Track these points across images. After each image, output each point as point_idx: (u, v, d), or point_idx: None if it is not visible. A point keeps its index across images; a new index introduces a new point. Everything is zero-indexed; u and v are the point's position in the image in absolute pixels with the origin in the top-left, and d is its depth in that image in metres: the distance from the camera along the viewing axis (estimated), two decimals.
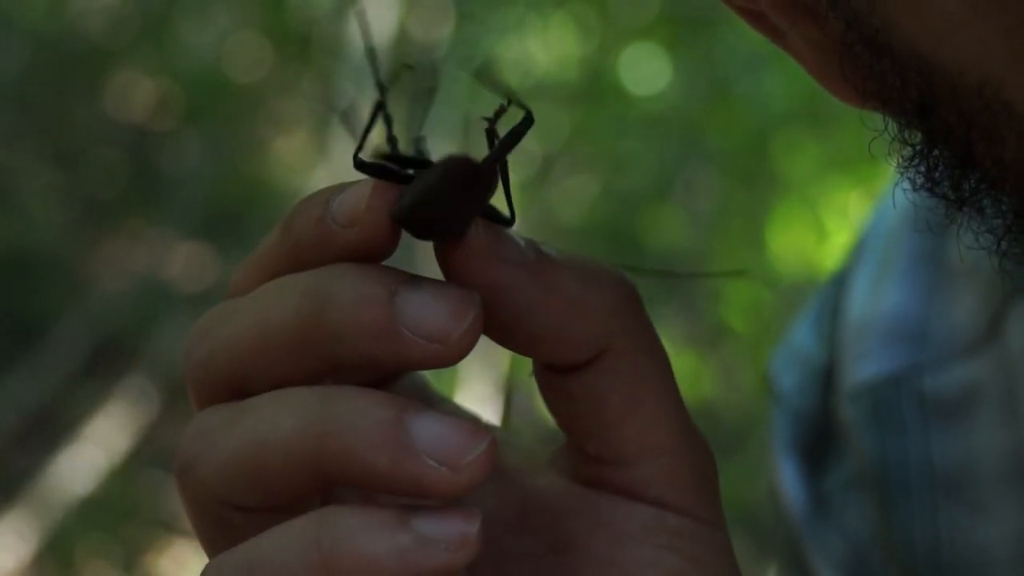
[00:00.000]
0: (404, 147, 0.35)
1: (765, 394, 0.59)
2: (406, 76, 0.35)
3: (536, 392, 0.38)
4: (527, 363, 0.38)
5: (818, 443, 0.55)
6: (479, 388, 3.82)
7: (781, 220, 3.80)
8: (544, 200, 4.20)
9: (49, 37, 4.22)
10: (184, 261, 4.14)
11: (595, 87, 4.07)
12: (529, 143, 4.10)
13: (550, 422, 0.39)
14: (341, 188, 0.34)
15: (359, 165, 0.35)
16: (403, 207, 0.33)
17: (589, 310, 0.35)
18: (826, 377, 0.55)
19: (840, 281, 0.55)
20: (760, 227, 3.93)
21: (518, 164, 4.12)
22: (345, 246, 0.34)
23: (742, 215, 4.05)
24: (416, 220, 0.34)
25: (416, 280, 0.33)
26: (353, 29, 4.05)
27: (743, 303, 4.03)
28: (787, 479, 0.56)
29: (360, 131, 0.35)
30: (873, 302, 0.52)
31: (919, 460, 0.49)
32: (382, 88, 0.35)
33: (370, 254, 0.34)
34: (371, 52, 0.36)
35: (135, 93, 4.38)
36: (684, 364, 4.06)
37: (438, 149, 0.34)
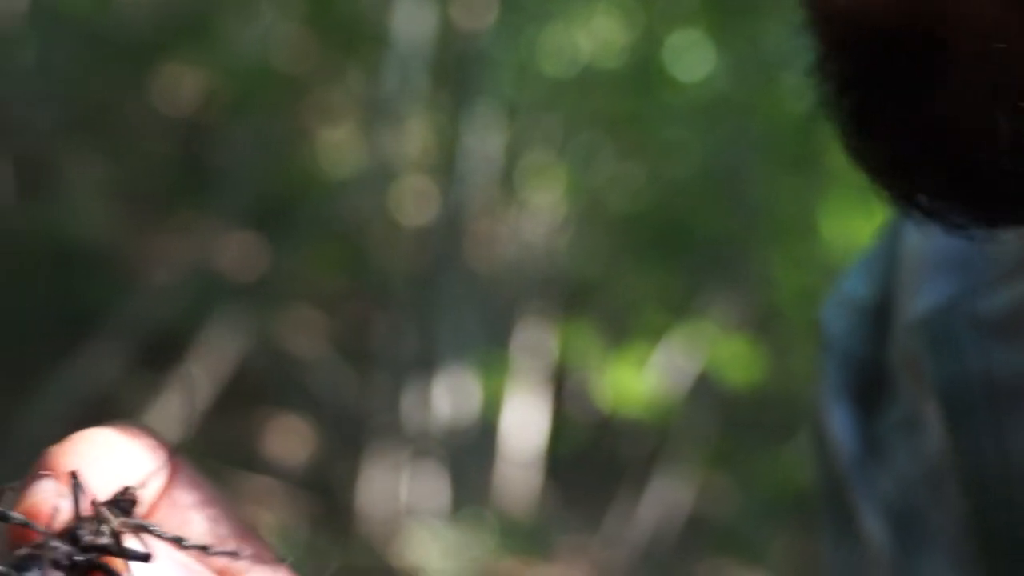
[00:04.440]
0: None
1: (815, 378, 0.59)
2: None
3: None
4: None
5: (870, 387, 0.55)
6: (530, 377, 3.82)
7: (832, 206, 3.78)
8: (590, 188, 4.19)
9: (97, 32, 4.25)
10: (234, 251, 4.16)
11: (640, 74, 4.06)
12: (576, 131, 4.10)
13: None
14: None
15: None
16: None
17: None
18: (876, 318, 0.55)
19: (893, 229, 0.56)
20: (811, 213, 3.92)
21: (564, 152, 4.11)
22: None
23: (792, 201, 4.03)
24: None
25: None
26: (397, 20, 4.06)
27: (795, 289, 4.01)
28: (837, 423, 0.56)
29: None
30: (923, 241, 0.53)
31: (980, 378, 0.49)
32: None
33: None
34: None
35: (183, 86, 4.41)
36: (735, 349, 4.04)
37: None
